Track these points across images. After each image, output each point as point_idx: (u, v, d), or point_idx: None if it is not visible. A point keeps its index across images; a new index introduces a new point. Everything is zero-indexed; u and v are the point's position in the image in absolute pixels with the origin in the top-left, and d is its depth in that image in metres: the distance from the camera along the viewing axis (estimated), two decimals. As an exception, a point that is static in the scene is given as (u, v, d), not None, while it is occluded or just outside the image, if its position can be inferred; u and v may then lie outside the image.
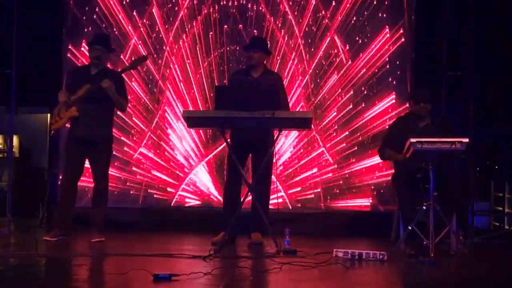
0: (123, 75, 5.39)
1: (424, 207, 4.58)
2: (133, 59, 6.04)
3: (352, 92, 6.42)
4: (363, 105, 6.41)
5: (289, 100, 5.70)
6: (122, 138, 6.61)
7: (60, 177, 6.13)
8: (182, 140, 6.63)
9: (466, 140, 4.51)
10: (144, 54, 5.61)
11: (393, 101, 6.34)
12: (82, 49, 6.61)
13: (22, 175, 8.53)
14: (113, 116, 5.46)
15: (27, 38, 6.37)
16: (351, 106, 6.42)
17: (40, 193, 7.55)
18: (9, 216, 5.94)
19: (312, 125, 5.04)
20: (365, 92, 6.41)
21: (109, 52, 5.46)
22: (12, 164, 6.20)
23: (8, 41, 5.95)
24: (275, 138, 5.02)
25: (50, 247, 4.84)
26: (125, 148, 6.65)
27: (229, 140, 5.19)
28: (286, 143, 6.49)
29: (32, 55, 6.57)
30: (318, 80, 6.49)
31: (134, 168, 6.64)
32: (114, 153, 5.72)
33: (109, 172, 5.49)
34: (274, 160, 5.28)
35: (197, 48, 6.63)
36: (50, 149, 6.74)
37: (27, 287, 3.29)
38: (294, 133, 6.46)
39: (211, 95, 6.50)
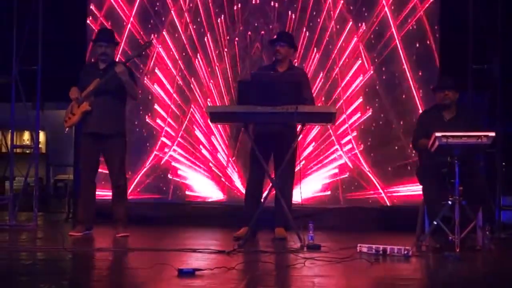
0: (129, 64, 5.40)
1: (449, 202, 4.52)
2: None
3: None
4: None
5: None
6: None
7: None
8: (210, 136, 6.66)
9: (492, 134, 4.42)
10: (148, 40, 5.59)
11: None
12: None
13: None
14: (124, 109, 5.45)
15: (54, 32, 6.42)
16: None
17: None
18: (36, 211, 6.03)
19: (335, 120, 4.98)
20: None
21: (115, 46, 5.49)
22: (38, 160, 6.25)
23: (35, 37, 6.01)
24: (298, 132, 5.01)
25: (75, 242, 4.90)
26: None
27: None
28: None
29: (59, 50, 6.62)
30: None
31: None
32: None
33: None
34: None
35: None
36: (75, 145, 6.78)
37: (53, 281, 3.32)
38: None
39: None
